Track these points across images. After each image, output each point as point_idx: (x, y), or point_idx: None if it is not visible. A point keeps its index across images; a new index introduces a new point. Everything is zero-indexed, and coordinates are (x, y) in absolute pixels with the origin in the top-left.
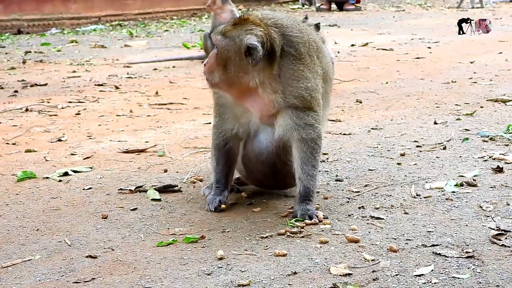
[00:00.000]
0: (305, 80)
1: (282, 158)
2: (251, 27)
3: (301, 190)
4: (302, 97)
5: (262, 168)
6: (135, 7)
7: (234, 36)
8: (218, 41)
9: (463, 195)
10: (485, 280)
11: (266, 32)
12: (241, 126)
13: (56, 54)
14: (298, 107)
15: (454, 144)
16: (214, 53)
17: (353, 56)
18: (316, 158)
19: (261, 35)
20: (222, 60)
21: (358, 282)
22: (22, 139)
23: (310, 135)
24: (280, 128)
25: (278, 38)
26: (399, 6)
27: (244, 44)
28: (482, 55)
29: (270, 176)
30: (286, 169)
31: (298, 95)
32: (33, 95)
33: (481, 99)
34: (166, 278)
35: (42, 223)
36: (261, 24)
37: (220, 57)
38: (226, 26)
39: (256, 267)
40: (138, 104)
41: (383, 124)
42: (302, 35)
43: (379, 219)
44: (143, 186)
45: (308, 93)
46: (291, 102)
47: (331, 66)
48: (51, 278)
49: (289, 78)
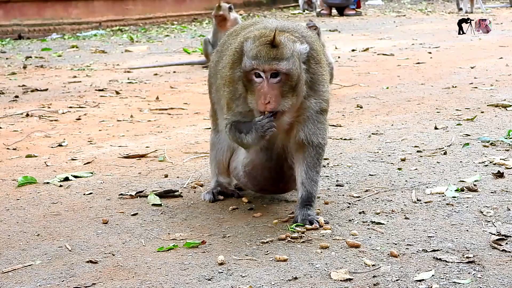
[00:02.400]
0: (326, 83)
1: (288, 161)
2: (291, 38)
3: (304, 195)
4: (327, 101)
5: (269, 174)
6: (136, 12)
7: (288, 53)
8: (281, 66)
9: (464, 200)
10: (485, 285)
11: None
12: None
13: (56, 59)
14: (323, 111)
15: (455, 149)
16: (273, 82)
17: (354, 61)
18: (321, 163)
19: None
20: (287, 83)
21: (359, 287)
22: (23, 144)
23: (322, 140)
24: (302, 133)
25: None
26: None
27: (303, 53)
28: (483, 60)
29: (276, 180)
30: (291, 172)
31: (326, 99)
32: (33, 100)
33: (482, 104)
34: (166, 284)
35: (43, 228)
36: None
37: (285, 81)
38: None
39: (257, 272)
40: (138, 109)
41: (383, 129)
42: (316, 40)
43: (379, 224)
44: (144, 191)
45: (328, 96)
46: (319, 107)
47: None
48: (52, 283)
49: (316, 82)
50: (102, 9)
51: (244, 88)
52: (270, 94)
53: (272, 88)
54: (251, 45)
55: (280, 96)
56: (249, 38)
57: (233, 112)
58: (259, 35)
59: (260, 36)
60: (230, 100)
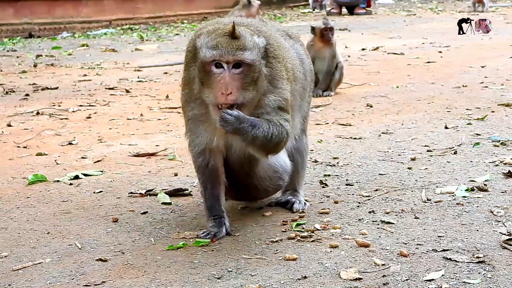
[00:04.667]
0: (285, 81)
1: (245, 169)
2: (248, 31)
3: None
4: (286, 99)
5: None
6: (146, 11)
7: (250, 45)
8: (244, 56)
9: (474, 200)
10: (495, 285)
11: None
12: (220, 137)
13: (67, 58)
14: (281, 109)
15: (465, 149)
16: (234, 73)
17: (364, 60)
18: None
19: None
20: (248, 75)
21: (368, 286)
22: (33, 142)
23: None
24: None
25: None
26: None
27: (261, 46)
28: (494, 59)
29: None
30: (250, 180)
31: (285, 97)
32: (44, 98)
33: (492, 103)
34: (176, 282)
35: (53, 226)
36: (243, 27)
37: (246, 72)
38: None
39: (266, 271)
40: (148, 108)
41: (393, 129)
42: (272, 36)
43: (389, 223)
44: (154, 189)
45: (287, 95)
46: (277, 105)
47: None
48: (62, 281)
49: (275, 78)
50: (112, 7)
51: (200, 83)
52: (231, 85)
53: (233, 79)
54: (206, 38)
55: (241, 88)
56: (201, 34)
57: (187, 116)
58: (213, 29)
59: (215, 30)
60: (185, 103)
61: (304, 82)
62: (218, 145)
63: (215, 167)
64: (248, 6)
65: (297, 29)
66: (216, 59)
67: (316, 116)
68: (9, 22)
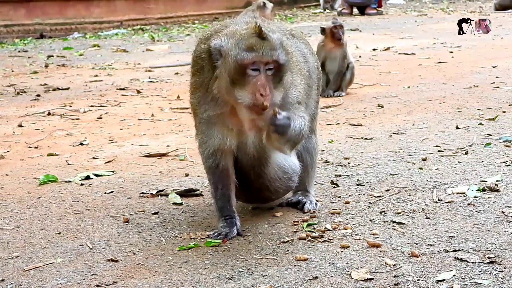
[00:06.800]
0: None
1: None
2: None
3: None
4: (302, 93)
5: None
6: (157, 11)
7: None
8: (279, 56)
9: (485, 200)
10: (507, 285)
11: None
12: (234, 138)
13: (78, 58)
14: (299, 103)
15: (476, 149)
16: (267, 75)
17: (375, 61)
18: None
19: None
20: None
21: (379, 287)
22: (44, 142)
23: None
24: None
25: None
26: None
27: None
28: (505, 60)
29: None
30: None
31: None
32: (55, 99)
33: (504, 103)
34: (187, 282)
35: (64, 227)
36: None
37: (277, 72)
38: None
39: (277, 271)
40: (159, 108)
41: (404, 129)
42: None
43: (400, 224)
44: (165, 190)
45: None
46: (296, 99)
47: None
48: (73, 281)
49: (292, 73)
50: (123, 8)
51: (230, 85)
52: (268, 86)
53: (267, 80)
54: (235, 40)
55: (274, 88)
56: (220, 37)
57: (199, 118)
58: (235, 31)
59: (237, 31)
60: (198, 106)
61: (309, 79)
62: (230, 146)
63: (226, 168)
64: (262, 8)
65: (308, 30)
66: (255, 60)
67: (327, 116)
68: (20, 23)
